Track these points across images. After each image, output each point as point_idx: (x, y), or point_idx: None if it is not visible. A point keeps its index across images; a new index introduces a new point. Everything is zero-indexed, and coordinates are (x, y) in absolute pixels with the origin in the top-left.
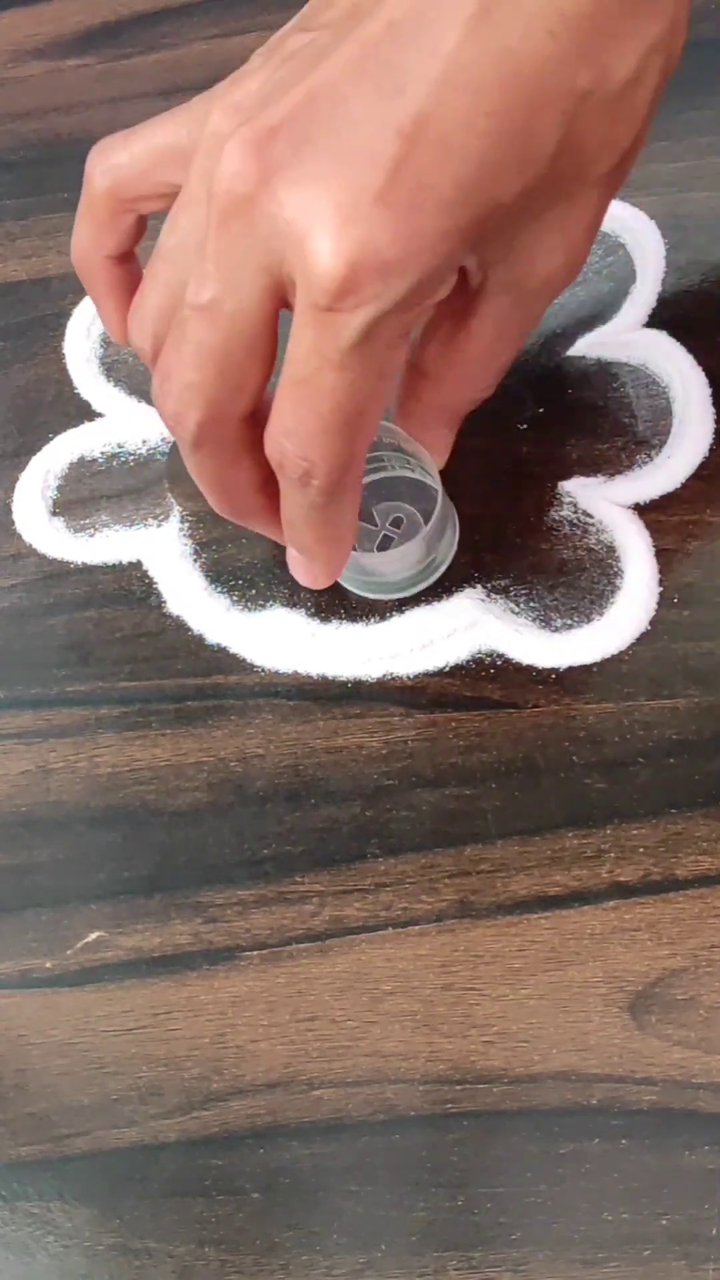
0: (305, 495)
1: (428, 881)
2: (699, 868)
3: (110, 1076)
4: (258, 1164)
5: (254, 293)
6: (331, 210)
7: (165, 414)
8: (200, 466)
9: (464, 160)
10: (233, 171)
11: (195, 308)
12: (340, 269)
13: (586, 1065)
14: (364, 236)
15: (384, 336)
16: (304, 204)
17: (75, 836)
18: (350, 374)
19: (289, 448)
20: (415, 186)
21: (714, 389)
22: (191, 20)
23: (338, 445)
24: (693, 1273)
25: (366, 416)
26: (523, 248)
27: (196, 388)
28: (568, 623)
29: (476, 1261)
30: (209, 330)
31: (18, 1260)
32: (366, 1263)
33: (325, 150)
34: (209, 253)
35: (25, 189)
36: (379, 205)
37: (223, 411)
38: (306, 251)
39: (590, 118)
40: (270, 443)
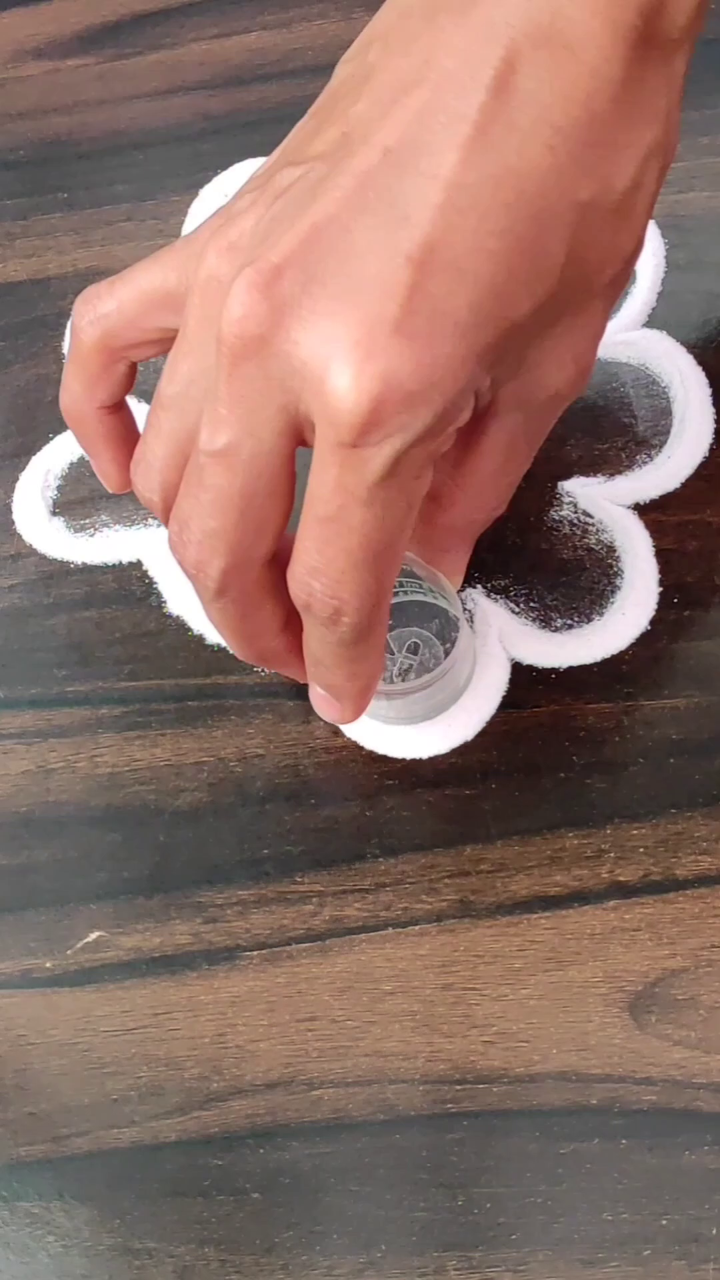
0: (335, 634)
1: (428, 881)
2: (699, 868)
3: (110, 1076)
4: (258, 1164)
5: (272, 435)
6: (349, 345)
7: (187, 563)
8: (223, 614)
9: (476, 283)
10: (242, 314)
11: (211, 454)
12: (364, 405)
13: (586, 1065)
14: (385, 369)
15: (410, 469)
16: (319, 341)
17: (75, 836)
18: (378, 509)
19: (317, 588)
20: (431, 314)
21: (714, 389)
22: (191, 20)
23: (368, 581)
24: (693, 1273)
25: (395, 549)
26: (533, 364)
27: (218, 534)
28: (568, 623)
29: (476, 1261)
30: (227, 475)
31: (18, 1260)
32: (366, 1263)
33: (335, 285)
34: (222, 397)
35: (25, 189)
36: (397, 336)
37: (247, 556)
38: (327, 389)
39: (594, 228)
40: (295, 583)
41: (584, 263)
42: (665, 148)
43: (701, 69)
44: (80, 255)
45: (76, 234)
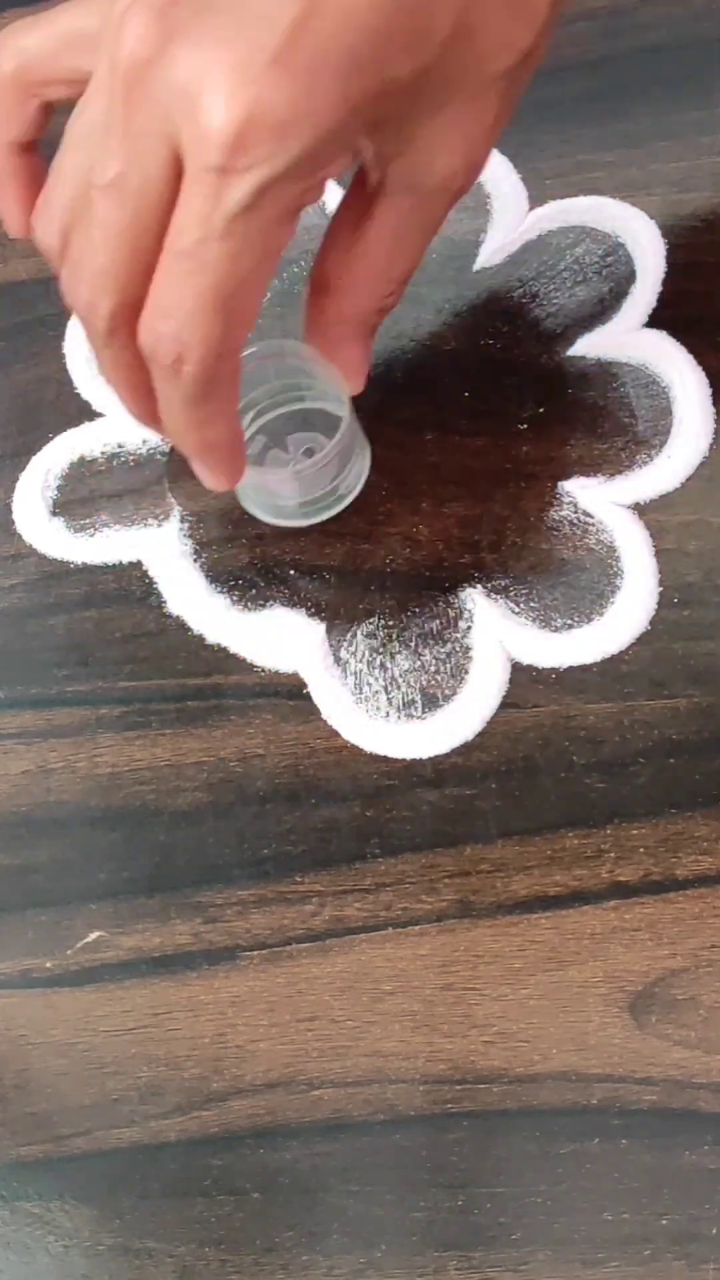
0: (178, 387)
1: (428, 881)
2: (699, 868)
3: (110, 1076)
4: (258, 1164)
5: (157, 164)
6: (226, 70)
7: (79, 304)
8: (115, 362)
9: (359, 30)
10: (134, 37)
11: (101, 187)
12: (232, 126)
13: (586, 1065)
14: (257, 96)
15: (272, 207)
16: (200, 65)
17: (75, 836)
18: (234, 245)
19: (162, 330)
20: (311, 51)
21: (714, 389)
22: None
23: (214, 328)
24: (693, 1273)
25: (247, 297)
26: (422, 142)
27: (108, 271)
28: (568, 623)
29: (477, 1261)
30: (117, 209)
31: (18, 1260)
32: (366, 1263)
33: (224, 14)
34: (113, 127)
35: None
36: (274, 66)
37: (135, 295)
38: (199, 111)
39: (486, 9)
40: (143, 329)
41: (473, 42)
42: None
43: (702, 69)
44: None
45: None
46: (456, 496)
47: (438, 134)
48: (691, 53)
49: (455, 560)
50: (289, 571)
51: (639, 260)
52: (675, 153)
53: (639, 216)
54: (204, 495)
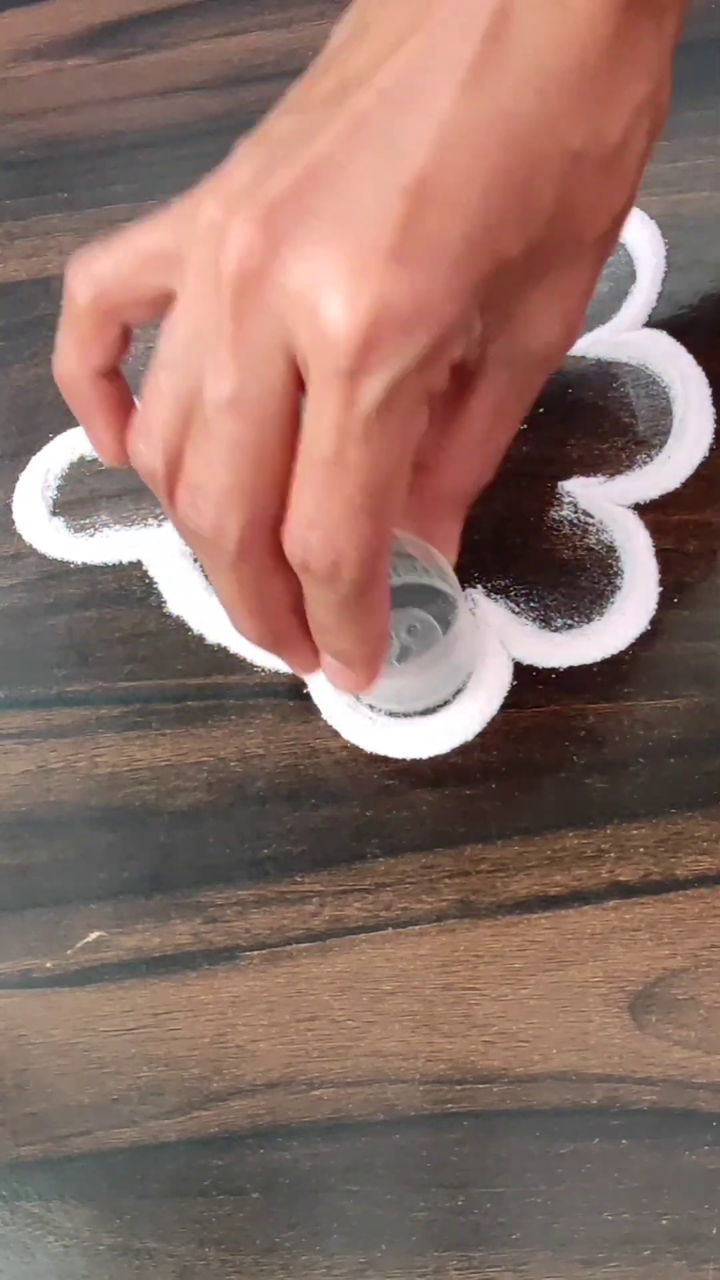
0: (335, 591)
1: (428, 881)
2: (699, 868)
3: (110, 1076)
4: (258, 1164)
5: (275, 376)
6: (343, 272)
7: (205, 527)
8: (239, 584)
9: (469, 216)
10: (240, 250)
11: (218, 405)
12: (358, 327)
13: (586, 1065)
14: (379, 294)
15: (406, 400)
16: (315, 269)
17: (75, 836)
18: (376, 446)
19: (314, 541)
20: (426, 243)
21: (714, 389)
22: (191, 20)
23: (366, 531)
24: (693, 1273)
25: (393, 495)
26: (522, 319)
27: (235, 490)
28: (568, 623)
29: (477, 1261)
30: (238, 424)
31: (18, 1260)
32: (366, 1263)
33: (331, 216)
34: (225, 340)
35: (25, 189)
36: (391, 262)
37: (264, 512)
38: (320, 316)
39: (584, 179)
40: (291, 540)
41: (573, 213)
42: (655, 107)
43: (702, 69)
44: None
45: (77, 234)
46: None
47: (538, 308)
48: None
49: (456, 560)
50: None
51: (639, 260)
52: (675, 153)
53: (639, 216)
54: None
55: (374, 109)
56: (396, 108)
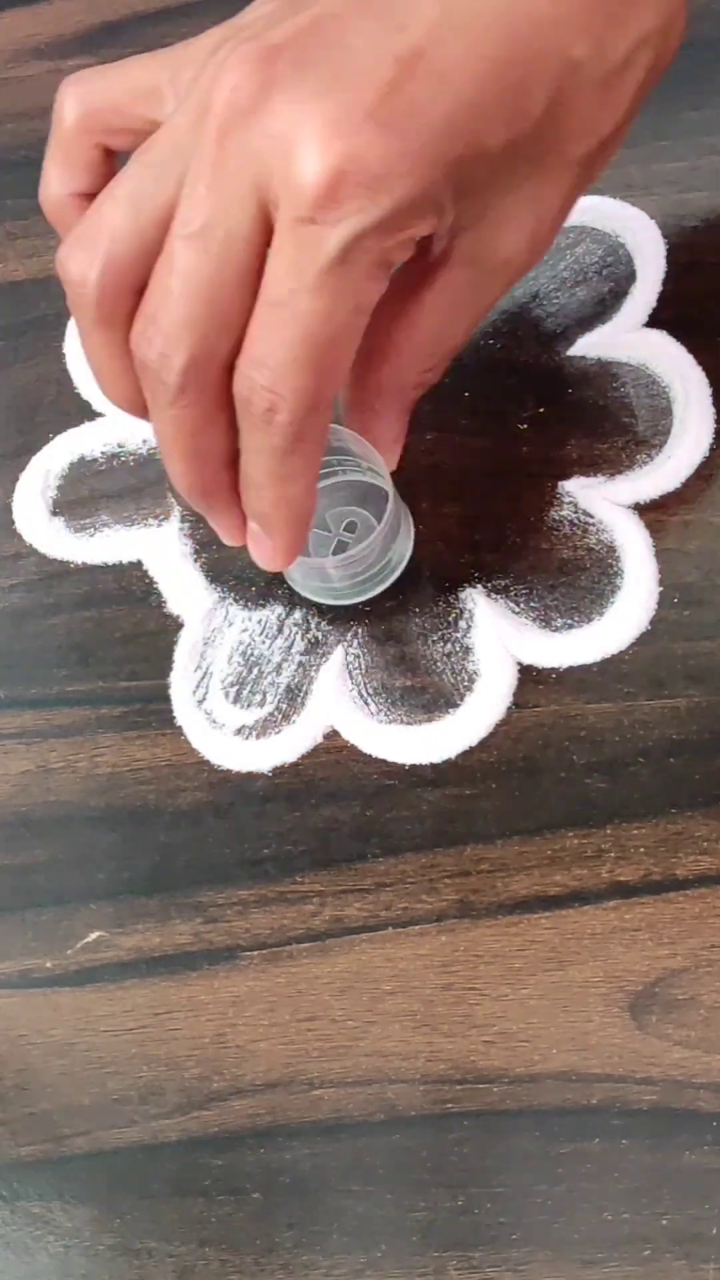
0: (267, 437)
1: (428, 881)
2: (699, 867)
3: (110, 1076)
4: (258, 1164)
5: (245, 218)
6: (321, 122)
7: (150, 355)
8: (177, 424)
9: (456, 96)
10: (233, 84)
11: (186, 237)
12: (324, 177)
13: (587, 1065)
14: (350, 149)
15: (362, 260)
16: (296, 116)
17: (75, 836)
18: (326, 297)
19: (257, 379)
20: (407, 110)
21: (714, 389)
22: (191, 20)
23: (306, 378)
24: (693, 1272)
25: (338, 352)
26: (494, 216)
27: (186, 324)
28: (568, 623)
29: (477, 1261)
30: (201, 259)
31: (18, 1260)
32: (366, 1263)
33: (324, 70)
34: (203, 172)
35: (25, 189)
36: (369, 121)
37: (211, 350)
38: (292, 161)
39: (579, 91)
40: (238, 377)
41: (562, 123)
42: (663, 42)
43: (702, 69)
44: None
45: None
46: (456, 496)
47: (510, 211)
48: (691, 53)
49: (455, 560)
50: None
51: (639, 260)
52: (675, 153)
53: (639, 216)
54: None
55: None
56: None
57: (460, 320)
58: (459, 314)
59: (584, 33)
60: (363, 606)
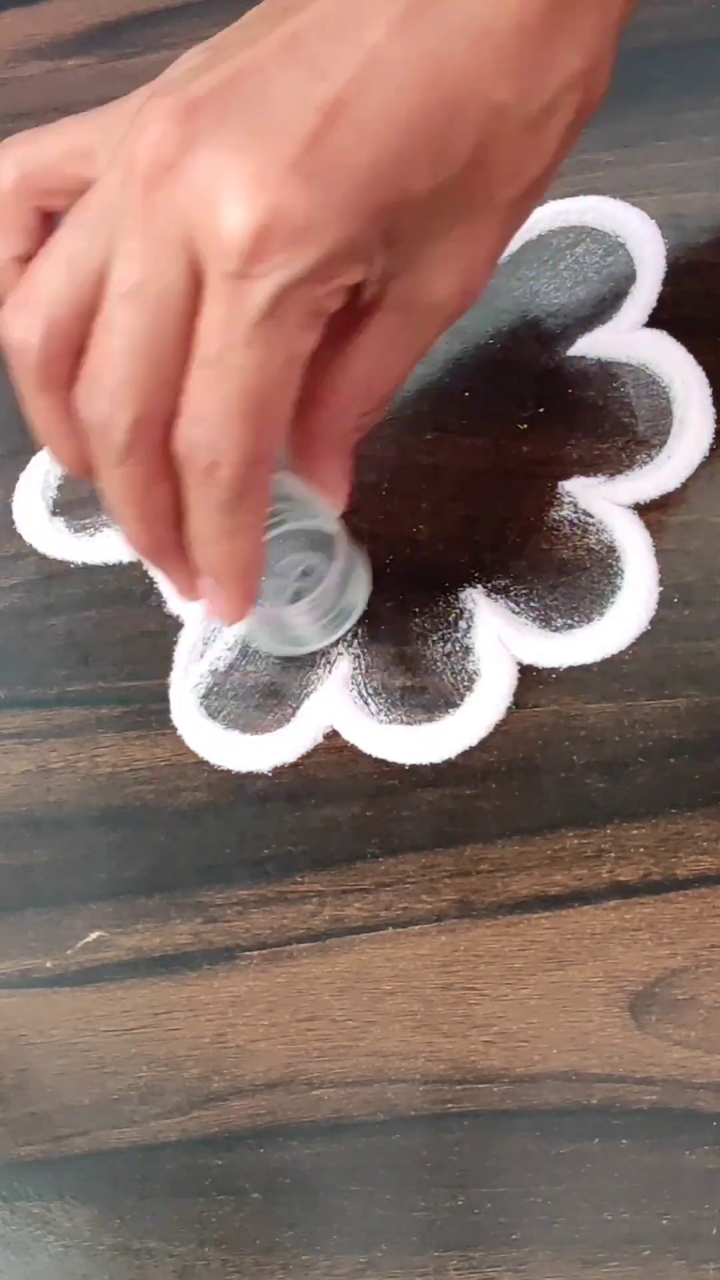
0: (211, 493)
1: (428, 881)
2: (699, 867)
3: (110, 1076)
4: (258, 1164)
5: (178, 273)
6: (244, 175)
7: (95, 416)
8: (126, 483)
9: (380, 146)
10: (156, 139)
11: (122, 295)
12: (249, 231)
13: (587, 1065)
14: (275, 202)
15: (293, 312)
16: (219, 171)
17: (75, 836)
18: (258, 351)
19: (196, 436)
20: (330, 161)
21: (714, 389)
22: (191, 20)
23: (246, 433)
24: (693, 1273)
25: (275, 404)
26: (425, 262)
27: (130, 383)
28: (568, 623)
29: (477, 1261)
30: (138, 317)
31: (18, 1260)
32: (367, 1262)
33: (246, 122)
34: (133, 229)
35: None
36: (293, 173)
37: (155, 408)
38: (217, 216)
39: (504, 136)
40: (178, 437)
41: (489, 167)
42: (589, 84)
43: (702, 69)
44: None
45: None
46: (456, 496)
47: (441, 255)
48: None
49: (455, 560)
50: None
51: (639, 260)
52: (675, 153)
53: (639, 216)
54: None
55: (309, 29)
56: (329, 32)
57: (395, 364)
58: (394, 358)
59: (507, 78)
60: (364, 604)
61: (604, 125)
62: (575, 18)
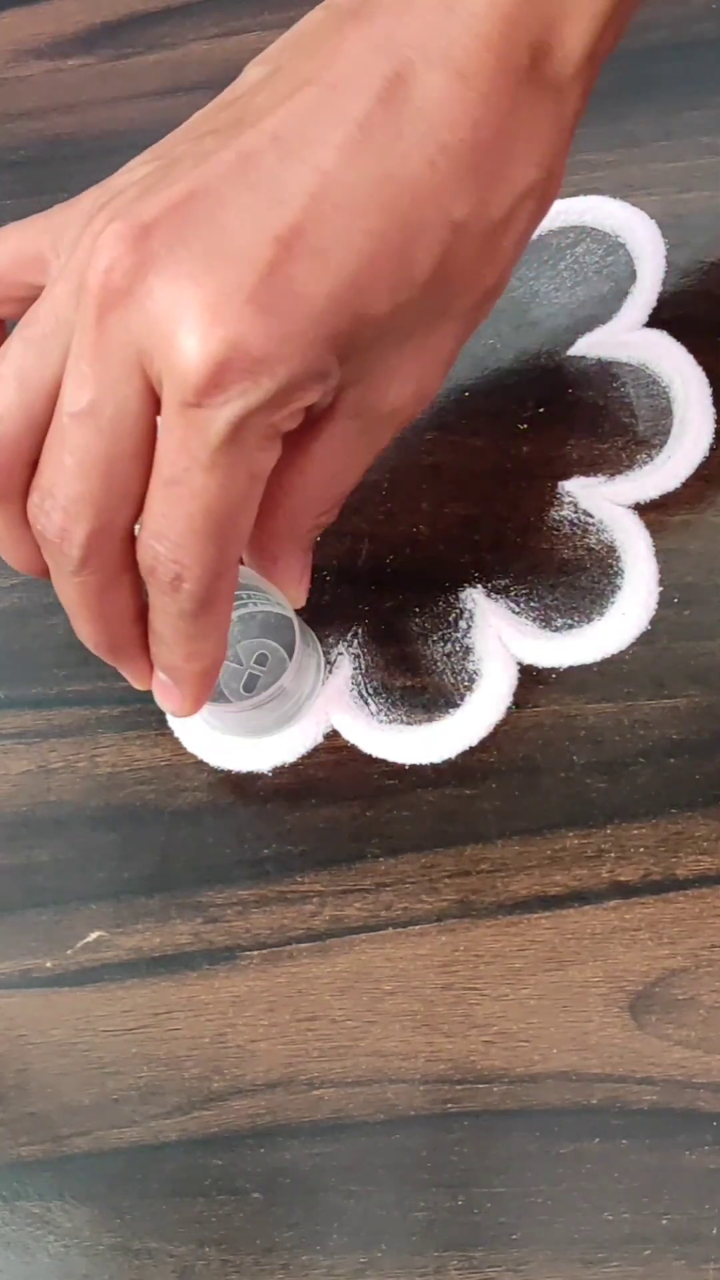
0: (176, 603)
1: (428, 881)
2: (699, 867)
3: (110, 1076)
4: (258, 1164)
5: (133, 394)
6: (200, 308)
7: (50, 532)
8: (82, 591)
9: (339, 274)
10: (108, 264)
11: (74, 414)
12: (206, 365)
13: (587, 1065)
14: (232, 335)
15: (251, 436)
16: (174, 300)
17: (75, 836)
18: (219, 475)
19: (160, 550)
20: (287, 292)
21: (714, 389)
22: (191, 20)
23: (209, 550)
24: (693, 1272)
25: (238, 520)
26: (379, 372)
27: (84, 499)
28: (568, 623)
29: (477, 1261)
30: (92, 437)
31: (18, 1260)
32: (367, 1263)
33: (200, 249)
34: (85, 352)
35: (26, 188)
36: (249, 305)
37: (111, 522)
38: (173, 347)
39: (462, 250)
40: (141, 547)
41: (447, 282)
42: (543, 193)
43: (702, 69)
44: None
45: None
46: (456, 496)
47: (396, 364)
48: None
49: (455, 560)
50: None
51: (639, 260)
52: (675, 153)
53: (639, 216)
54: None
55: (263, 150)
56: (285, 154)
57: (350, 468)
58: (348, 462)
59: (465, 195)
60: (362, 606)
61: (604, 125)
62: (532, 127)
